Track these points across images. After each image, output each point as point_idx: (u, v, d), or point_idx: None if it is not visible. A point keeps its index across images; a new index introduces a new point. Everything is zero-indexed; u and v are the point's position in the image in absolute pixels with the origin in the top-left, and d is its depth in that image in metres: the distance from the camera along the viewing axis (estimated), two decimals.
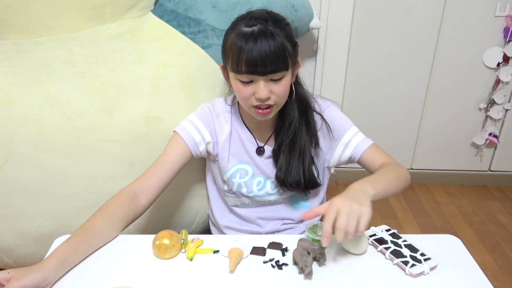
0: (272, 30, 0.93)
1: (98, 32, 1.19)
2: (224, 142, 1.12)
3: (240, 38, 0.93)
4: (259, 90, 0.95)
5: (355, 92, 2.14)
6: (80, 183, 1.16)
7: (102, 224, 0.94)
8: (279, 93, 0.97)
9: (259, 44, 0.91)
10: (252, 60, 0.92)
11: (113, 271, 0.87)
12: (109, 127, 1.15)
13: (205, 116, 1.12)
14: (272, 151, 1.12)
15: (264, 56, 0.91)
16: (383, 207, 2.14)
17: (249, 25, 0.94)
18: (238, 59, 0.93)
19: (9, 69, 1.14)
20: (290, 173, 1.09)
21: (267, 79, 0.95)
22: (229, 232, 1.22)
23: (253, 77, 0.95)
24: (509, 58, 2.01)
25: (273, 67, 0.93)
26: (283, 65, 0.94)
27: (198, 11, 1.32)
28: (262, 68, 0.92)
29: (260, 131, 1.13)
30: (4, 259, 1.27)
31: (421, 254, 0.90)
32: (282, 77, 0.96)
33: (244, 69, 0.93)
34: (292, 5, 1.50)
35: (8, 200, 1.15)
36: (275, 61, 0.92)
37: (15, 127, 1.11)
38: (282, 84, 0.97)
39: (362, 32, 2.01)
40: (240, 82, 0.97)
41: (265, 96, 0.95)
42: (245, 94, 0.98)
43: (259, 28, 0.93)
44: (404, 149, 2.28)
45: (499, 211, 2.12)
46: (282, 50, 0.93)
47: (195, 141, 1.10)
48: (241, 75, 0.95)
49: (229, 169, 1.13)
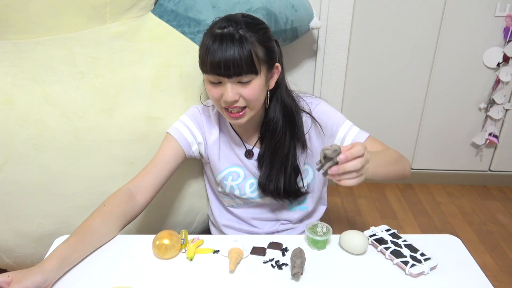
0: (241, 34, 0.93)
1: (98, 32, 1.19)
2: (212, 144, 1.12)
3: (208, 39, 0.95)
4: (225, 92, 0.96)
5: (355, 92, 2.14)
6: (80, 183, 1.16)
7: (100, 223, 0.94)
8: (247, 96, 0.97)
9: (223, 47, 0.92)
10: (215, 61, 0.92)
11: (113, 271, 0.87)
12: (109, 127, 1.15)
13: (195, 117, 1.13)
14: (257, 158, 1.12)
15: (227, 59, 0.91)
16: (383, 207, 2.14)
17: (221, 27, 0.95)
18: (204, 59, 0.95)
19: (9, 69, 1.14)
20: (271, 181, 1.09)
21: (235, 81, 0.95)
22: (228, 231, 1.22)
23: (219, 78, 0.95)
24: (509, 58, 2.01)
25: (236, 70, 0.93)
26: (248, 69, 0.93)
27: (198, 11, 1.32)
28: (225, 71, 0.93)
29: (247, 134, 1.13)
30: (4, 259, 1.27)
31: (421, 254, 0.90)
32: (250, 80, 0.96)
33: (209, 69, 0.94)
34: (292, 5, 1.50)
35: (8, 200, 1.15)
36: (238, 64, 0.92)
37: (15, 127, 1.11)
38: (251, 88, 0.96)
39: (362, 32, 2.01)
40: (209, 83, 0.98)
41: (231, 99, 0.95)
42: (214, 95, 0.98)
43: (228, 31, 0.93)
44: (404, 149, 2.28)
45: (499, 211, 2.12)
46: (247, 54, 0.92)
47: (188, 141, 1.11)
48: (208, 75, 0.97)
49: (221, 172, 1.14)
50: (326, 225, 0.95)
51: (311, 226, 0.95)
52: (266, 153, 1.09)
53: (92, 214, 0.95)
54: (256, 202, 1.16)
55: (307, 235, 0.94)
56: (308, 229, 0.95)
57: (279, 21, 1.48)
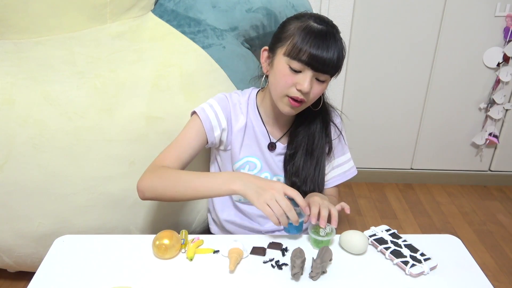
0: (338, 37, 0.99)
1: (98, 32, 1.19)
2: (237, 132, 1.13)
3: (310, 30, 0.97)
4: (305, 82, 0.98)
5: (355, 92, 2.14)
6: (80, 183, 1.16)
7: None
8: (315, 93, 1.02)
9: (326, 43, 0.96)
10: (316, 54, 0.95)
11: (113, 271, 0.87)
12: (109, 127, 1.15)
13: (223, 102, 1.13)
14: (285, 155, 1.14)
15: (327, 55, 0.96)
16: (383, 207, 2.14)
17: (318, 22, 0.98)
18: (302, 47, 0.96)
19: (9, 69, 1.14)
20: (307, 179, 1.13)
21: (314, 76, 0.99)
22: (228, 227, 1.22)
23: (305, 68, 0.98)
24: (509, 58, 2.01)
25: (326, 68, 0.97)
26: (333, 71, 0.99)
27: (198, 11, 1.32)
28: (320, 65, 0.96)
29: (275, 126, 1.15)
30: (4, 259, 1.28)
31: (421, 254, 0.90)
32: (325, 80, 1.01)
33: (305, 58, 0.96)
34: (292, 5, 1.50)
35: (8, 200, 1.15)
36: (332, 64, 0.97)
37: (15, 127, 1.11)
38: (322, 87, 1.02)
39: (362, 32, 2.01)
40: (289, 68, 0.99)
41: (307, 90, 0.98)
42: (287, 81, 1.00)
43: (329, 30, 0.98)
44: (404, 149, 2.28)
45: (499, 211, 2.12)
46: (341, 57, 0.98)
47: (212, 125, 1.10)
48: (296, 62, 0.97)
49: (240, 160, 1.14)
50: (330, 225, 0.95)
51: (315, 226, 0.95)
52: (299, 151, 1.13)
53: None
54: None
55: (310, 235, 0.94)
56: (312, 229, 0.95)
57: (279, 21, 1.47)
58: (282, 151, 1.15)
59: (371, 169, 2.32)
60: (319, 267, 0.84)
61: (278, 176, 1.16)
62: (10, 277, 1.50)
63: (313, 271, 0.84)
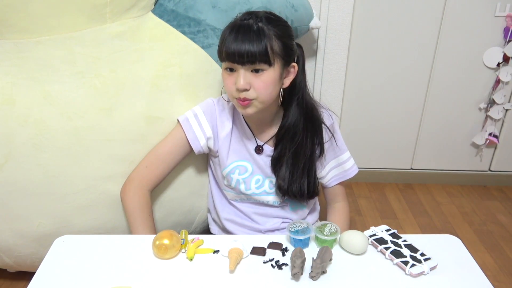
0: (259, 26, 0.96)
1: (98, 32, 1.19)
2: (224, 138, 1.13)
3: (230, 28, 0.98)
4: (238, 79, 0.98)
5: (355, 92, 2.14)
6: (80, 183, 1.16)
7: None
8: (258, 87, 0.99)
9: (240, 36, 0.95)
10: (231, 48, 0.96)
11: (113, 271, 0.87)
12: (109, 127, 1.15)
13: (209, 109, 1.14)
14: (271, 159, 1.13)
15: (242, 47, 0.95)
16: (383, 207, 2.14)
17: (242, 19, 0.99)
18: (221, 46, 0.98)
19: (9, 69, 1.14)
20: (294, 184, 1.11)
21: (248, 70, 0.98)
22: (229, 226, 1.22)
23: (233, 65, 0.98)
24: (509, 58, 2.01)
25: (250, 59, 0.95)
26: (262, 58, 0.96)
27: (198, 11, 1.32)
28: (239, 58, 0.96)
29: (261, 129, 1.14)
30: (4, 259, 1.27)
31: (421, 254, 0.90)
32: (263, 70, 0.98)
33: (225, 56, 0.98)
34: (292, 5, 1.50)
35: (8, 200, 1.15)
36: (252, 53, 0.95)
37: (15, 127, 1.11)
38: (262, 79, 0.98)
39: (362, 32, 2.01)
40: (225, 71, 1.01)
41: (242, 86, 0.97)
42: (228, 84, 1.01)
43: (248, 22, 0.97)
44: (404, 149, 2.28)
45: (499, 211, 2.12)
46: (263, 44, 0.95)
47: (195, 135, 1.12)
48: (225, 62, 1.00)
49: (228, 165, 1.14)
50: (335, 225, 0.95)
51: (319, 226, 0.95)
52: (284, 155, 1.11)
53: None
54: (260, 199, 1.17)
55: (315, 235, 0.94)
56: (316, 228, 0.95)
57: None
58: (271, 153, 1.14)
59: (371, 169, 2.32)
60: (319, 267, 0.84)
61: (270, 178, 1.16)
62: (10, 277, 1.50)
63: (313, 271, 0.84)
